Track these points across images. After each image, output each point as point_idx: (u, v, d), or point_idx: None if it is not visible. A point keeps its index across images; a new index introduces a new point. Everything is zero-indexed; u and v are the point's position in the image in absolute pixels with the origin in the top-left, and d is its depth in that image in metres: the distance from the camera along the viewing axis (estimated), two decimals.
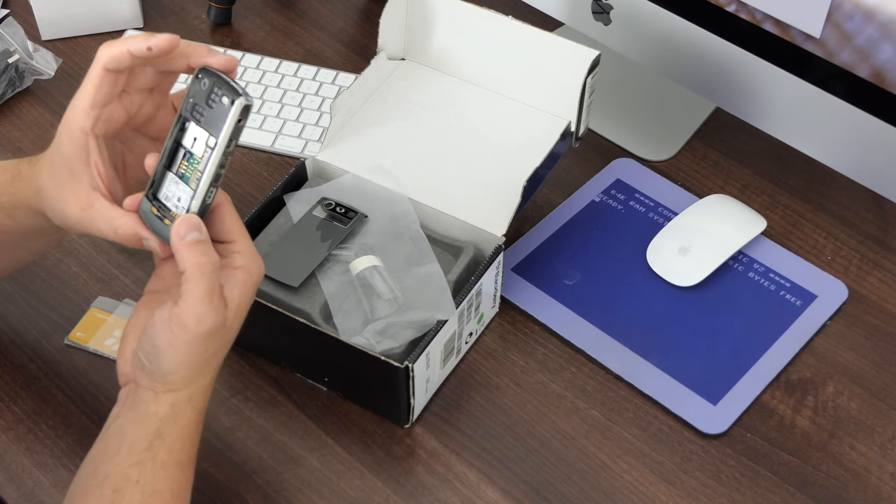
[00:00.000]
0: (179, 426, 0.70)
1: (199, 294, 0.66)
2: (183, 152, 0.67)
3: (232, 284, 0.69)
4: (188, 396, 0.70)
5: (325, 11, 1.22)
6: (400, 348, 0.83)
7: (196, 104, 0.66)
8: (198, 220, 0.67)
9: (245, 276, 0.69)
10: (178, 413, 0.69)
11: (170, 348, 0.68)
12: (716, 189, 1.04)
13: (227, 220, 0.70)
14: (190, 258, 0.66)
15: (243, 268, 0.69)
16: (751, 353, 0.91)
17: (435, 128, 0.98)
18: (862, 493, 0.83)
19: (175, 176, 0.67)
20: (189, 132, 0.67)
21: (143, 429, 0.69)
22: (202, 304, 0.67)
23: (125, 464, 0.68)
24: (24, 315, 0.93)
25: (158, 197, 0.68)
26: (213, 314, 0.67)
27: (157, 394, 0.69)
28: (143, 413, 0.69)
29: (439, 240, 0.91)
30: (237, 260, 0.69)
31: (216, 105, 0.65)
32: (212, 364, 0.70)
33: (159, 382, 0.69)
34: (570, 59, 0.93)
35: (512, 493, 0.83)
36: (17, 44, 1.10)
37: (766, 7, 0.90)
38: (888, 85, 0.86)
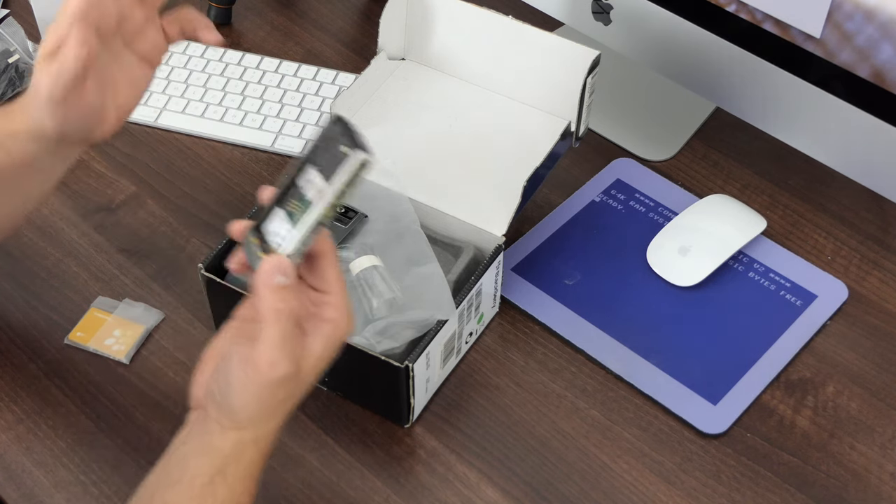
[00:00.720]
0: (242, 466, 0.68)
1: (275, 339, 0.65)
2: (297, 192, 0.66)
3: (317, 336, 0.68)
4: (254, 437, 0.68)
5: (325, 11, 1.22)
6: (400, 348, 0.83)
7: (320, 149, 0.66)
8: (288, 263, 0.66)
9: (331, 330, 0.68)
10: (242, 452, 0.68)
11: (241, 388, 0.67)
12: (716, 189, 1.04)
13: (329, 271, 0.68)
14: (269, 302, 0.65)
15: (332, 321, 0.68)
16: (751, 353, 0.91)
17: (435, 128, 0.98)
18: (862, 493, 0.83)
19: (284, 213, 0.67)
20: (307, 174, 0.66)
21: (207, 462, 0.68)
22: (276, 350, 0.65)
23: (185, 496, 0.67)
24: (24, 315, 0.93)
25: (262, 229, 0.68)
26: (287, 361, 0.66)
27: (224, 429, 0.68)
28: (208, 445, 0.68)
29: (439, 240, 0.91)
30: (328, 312, 0.68)
31: (338, 154, 0.65)
32: (281, 410, 0.69)
33: (227, 418, 0.68)
34: (570, 59, 0.93)
35: (512, 493, 0.83)
36: (17, 44, 1.10)
37: (766, 7, 0.90)
38: (888, 85, 0.86)
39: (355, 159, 0.64)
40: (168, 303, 0.94)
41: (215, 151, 1.06)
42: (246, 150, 1.07)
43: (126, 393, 0.88)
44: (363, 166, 0.64)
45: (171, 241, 0.99)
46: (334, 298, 0.68)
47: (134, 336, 0.91)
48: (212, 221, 1.00)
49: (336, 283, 0.68)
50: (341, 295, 0.68)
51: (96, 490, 0.82)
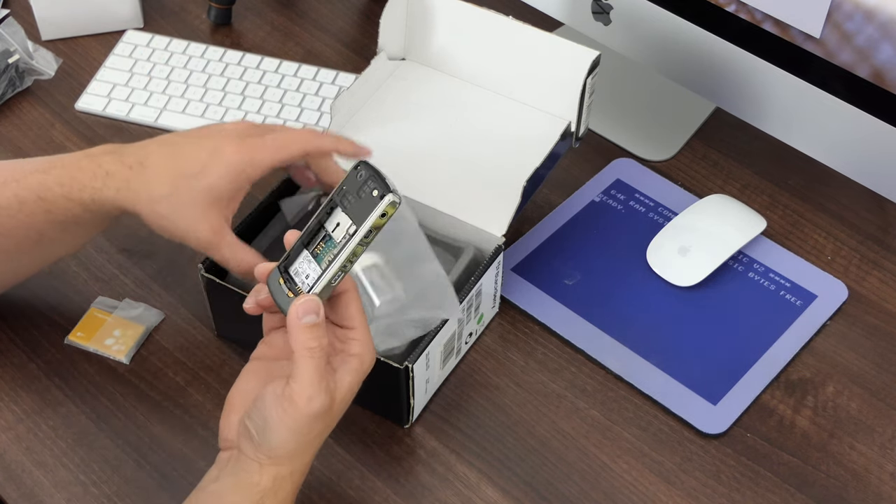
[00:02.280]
0: (279, 499, 0.71)
1: (311, 376, 0.68)
2: (323, 234, 0.69)
3: (346, 370, 0.71)
4: (290, 472, 0.71)
5: (325, 11, 1.22)
6: (402, 347, 0.83)
7: (347, 192, 0.69)
8: (318, 303, 0.68)
9: (358, 364, 0.71)
10: (279, 487, 0.71)
11: (280, 425, 0.69)
12: (716, 189, 1.04)
13: (352, 307, 0.71)
14: (302, 340, 0.68)
15: (358, 356, 0.71)
16: (751, 353, 0.91)
17: (435, 128, 0.98)
18: (862, 493, 0.83)
19: (310, 254, 0.69)
20: (334, 217, 0.69)
21: (244, 499, 0.70)
22: (312, 386, 0.68)
23: None
24: (24, 315, 0.93)
25: (289, 270, 0.70)
26: (323, 395, 0.68)
27: (262, 466, 0.70)
28: (246, 482, 0.70)
29: (439, 240, 0.91)
30: (353, 347, 0.71)
31: (365, 196, 0.67)
32: (315, 444, 0.72)
33: (265, 455, 0.70)
34: (570, 59, 0.93)
35: (512, 493, 0.83)
36: (17, 44, 1.10)
37: (766, 7, 0.90)
38: (888, 85, 0.86)
39: (385, 201, 0.66)
40: (168, 303, 0.94)
41: None
42: None
43: (126, 393, 0.88)
44: (392, 206, 0.67)
45: (171, 242, 0.98)
46: (359, 334, 0.71)
47: (134, 336, 0.91)
48: None
49: (359, 319, 0.71)
50: (364, 330, 0.72)
51: (96, 490, 0.82)
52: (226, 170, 0.77)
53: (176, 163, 0.78)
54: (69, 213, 0.79)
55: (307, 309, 0.68)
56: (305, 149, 0.80)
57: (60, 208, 0.78)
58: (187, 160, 0.77)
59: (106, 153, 0.80)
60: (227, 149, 0.78)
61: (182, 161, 0.78)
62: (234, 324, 0.90)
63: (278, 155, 0.79)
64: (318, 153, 0.82)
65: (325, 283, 0.68)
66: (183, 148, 0.78)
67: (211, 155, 0.77)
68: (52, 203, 0.78)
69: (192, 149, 0.78)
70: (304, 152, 0.80)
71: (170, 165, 0.78)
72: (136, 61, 1.14)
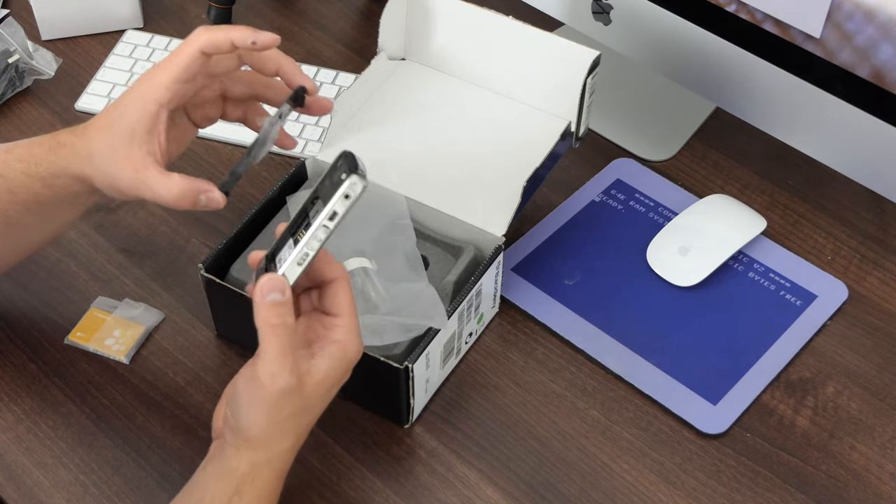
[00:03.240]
0: (258, 486, 0.71)
1: (273, 353, 0.68)
2: (305, 221, 0.70)
3: (324, 355, 0.70)
4: (266, 458, 0.71)
5: (326, 11, 1.22)
6: (397, 348, 0.82)
7: (325, 179, 0.70)
8: (283, 281, 0.68)
9: (339, 351, 0.71)
10: (257, 473, 0.71)
11: (248, 404, 0.69)
12: (716, 189, 1.04)
13: (340, 295, 0.71)
14: (265, 318, 0.68)
15: (339, 343, 0.71)
16: (751, 353, 0.91)
17: (435, 128, 0.98)
18: (862, 493, 0.84)
19: (292, 240, 0.70)
20: (315, 205, 0.70)
21: (224, 485, 0.70)
22: (275, 363, 0.68)
23: None
24: (24, 315, 0.93)
25: (274, 258, 0.71)
26: (287, 374, 0.68)
27: (239, 450, 0.71)
28: (226, 468, 0.71)
29: (439, 240, 0.91)
30: (336, 334, 0.71)
31: (336, 180, 0.68)
32: (290, 427, 0.71)
33: (241, 438, 0.70)
34: (570, 59, 0.93)
35: (512, 493, 0.83)
36: (17, 44, 1.10)
37: (766, 7, 0.90)
38: (888, 85, 0.86)
39: (348, 181, 0.67)
40: (168, 303, 0.94)
41: (215, 151, 1.06)
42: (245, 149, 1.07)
43: (126, 393, 0.88)
44: (353, 187, 0.67)
45: (171, 241, 0.99)
46: (344, 321, 0.71)
47: (134, 336, 0.91)
48: (212, 222, 1.00)
49: (346, 307, 0.71)
50: (351, 318, 0.71)
51: (96, 490, 0.82)
52: (134, 102, 0.74)
53: (106, 114, 0.77)
54: (30, 190, 0.78)
55: (272, 287, 0.68)
56: (199, 48, 0.74)
57: (21, 186, 0.78)
58: (113, 108, 0.76)
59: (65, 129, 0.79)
60: (136, 83, 0.76)
61: (110, 111, 0.76)
62: (234, 324, 0.90)
63: (173, 65, 0.74)
64: (214, 48, 0.74)
65: (290, 262, 0.69)
66: (116, 100, 0.77)
67: (126, 95, 0.76)
68: (13, 181, 0.78)
69: (120, 97, 0.77)
70: (199, 51, 0.74)
71: (102, 118, 0.77)
72: (136, 61, 1.14)
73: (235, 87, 0.81)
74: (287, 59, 0.78)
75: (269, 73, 0.79)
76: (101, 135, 0.76)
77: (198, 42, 0.74)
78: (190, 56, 0.74)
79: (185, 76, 0.74)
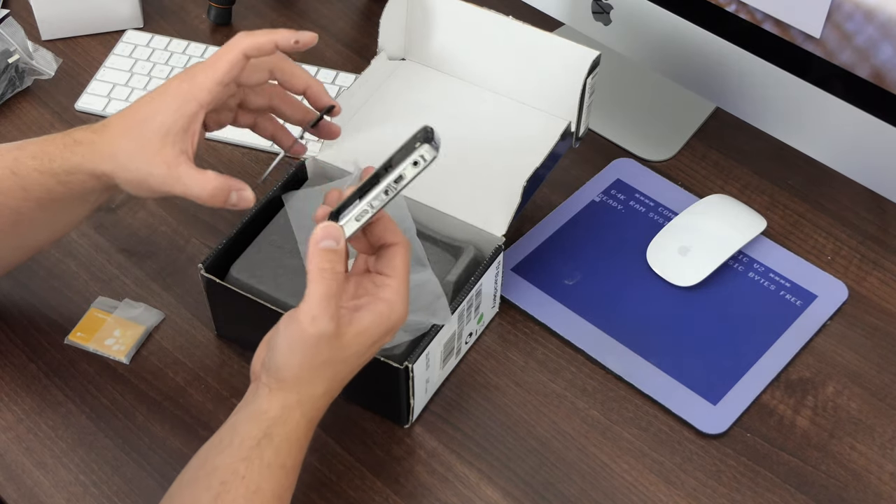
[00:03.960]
0: (287, 429, 0.71)
1: (317, 296, 0.69)
2: (375, 184, 0.72)
3: (369, 310, 0.72)
4: (297, 401, 0.72)
5: (326, 11, 1.22)
6: (397, 349, 0.82)
7: (402, 147, 0.72)
8: (338, 231, 0.70)
9: (385, 309, 0.72)
10: (288, 417, 0.71)
11: (286, 344, 0.71)
12: (716, 189, 1.04)
13: (397, 259, 0.73)
14: (315, 261, 0.69)
15: (387, 301, 0.72)
16: (751, 353, 0.91)
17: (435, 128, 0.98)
18: (862, 493, 0.84)
19: (359, 200, 0.72)
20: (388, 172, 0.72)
21: (255, 426, 0.71)
22: (317, 306, 0.69)
23: (235, 458, 0.70)
24: (24, 315, 0.93)
25: (339, 214, 0.72)
26: (327, 319, 0.69)
27: (272, 392, 0.72)
28: (256, 410, 0.72)
29: (439, 240, 0.91)
30: (385, 293, 0.72)
31: (408, 147, 0.71)
32: (324, 374, 0.72)
33: (273, 378, 0.72)
34: (570, 59, 0.93)
35: (512, 493, 0.83)
36: (17, 44, 1.10)
37: (766, 7, 0.90)
38: (888, 85, 0.86)
39: (421, 148, 0.70)
40: (168, 303, 0.94)
41: (215, 151, 1.06)
42: (246, 150, 1.07)
43: (126, 393, 0.88)
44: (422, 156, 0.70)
45: (171, 241, 0.99)
46: (395, 283, 0.73)
47: (134, 336, 0.91)
48: (212, 221, 1.00)
49: (400, 271, 0.73)
50: (402, 281, 0.73)
51: (96, 490, 0.82)
52: (171, 102, 0.76)
53: (133, 114, 0.78)
54: (43, 187, 0.79)
55: (326, 234, 0.70)
56: (242, 51, 0.77)
57: (34, 183, 0.79)
58: (142, 108, 0.78)
59: (80, 127, 0.80)
60: (171, 84, 0.77)
61: (138, 110, 0.78)
62: (234, 324, 0.90)
63: (216, 67, 0.77)
64: (257, 51, 0.77)
65: (351, 216, 0.71)
66: (141, 100, 0.78)
67: (159, 95, 0.77)
68: (26, 178, 0.79)
69: (147, 97, 0.78)
70: (242, 54, 0.77)
71: (128, 117, 0.78)
72: (136, 61, 1.14)
73: (256, 99, 0.84)
74: (315, 80, 0.83)
75: (297, 91, 0.83)
76: (129, 133, 0.77)
77: (241, 45, 0.77)
78: (234, 59, 0.77)
79: (227, 79, 0.77)
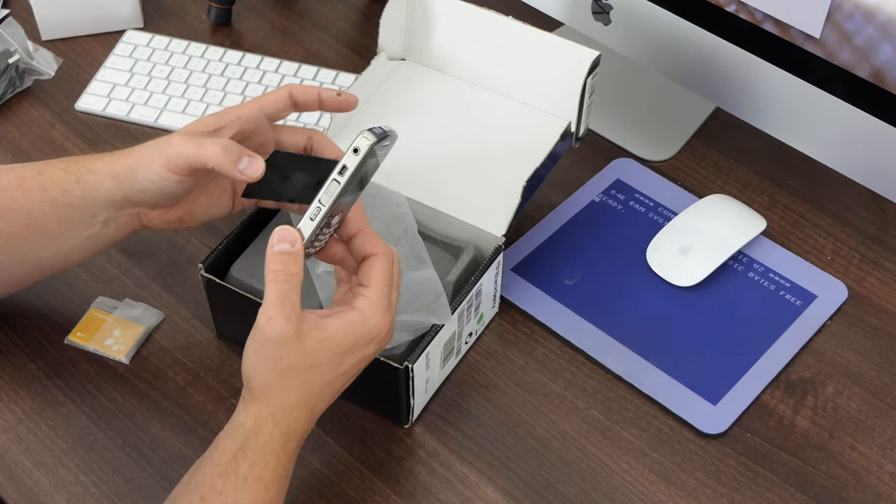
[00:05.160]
0: (261, 442, 0.71)
1: (271, 298, 0.70)
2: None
3: (337, 318, 0.72)
4: (270, 412, 0.72)
5: (326, 12, 1.22)
6: (397, 349, 0.82)
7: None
8: (294, 234, 0.71)
9: (355, 317, 0.72)
10: (260, 429, 0.72)
11: (250, 349, 0.72)
12: (716, 189, 1.04)
13: (374, 269, 0.73)
14: (268, 265, 0.70)
15: (358, 310, 0.72)
16: (751, 353, 0.91)
17: (435, 128, 0.98)
18: (862, 493, 0.84)
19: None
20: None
21: (232, 439, 0.72)
22: (272, 308, 0.70)
23: (213, 473, 0.71)
24: (24, 315, 0.93)
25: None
26: (282, 320, 0.70)
27: (246, 403, 0.72)
28: (234, 423, 0.73)
29: (439, 240, 0.91)
30: (358, 302, 0.73)
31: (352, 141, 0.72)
32: (289, 381, 0.72)
33: (247, 389, 0.72)
34: (570, 59, 0.93)
35: (512, 493, 0.83)
36: (17, 44, 1.10)
37: (766, 7, 0.90)
38: (888, 85, 0.86)
39: (358, 137, 0.71)
40: (168, 303, 0.94)
41: None
42: None
43: (126, 393, 0.88)
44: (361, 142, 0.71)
45: (171, 241, 0.99)
46: (369, 292, 0.73)
47: (134, 336, 0.91)
48: (212, 222, 0.99)
49: (376, 280, 0.73)
50: (378, 290, 0.73)
51: (96, 490, 0.82)
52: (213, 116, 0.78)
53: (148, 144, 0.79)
54: (62, 187, 0.79)
55: (281, 237, 0.71)
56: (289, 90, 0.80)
57: (55, 181, 0.79)
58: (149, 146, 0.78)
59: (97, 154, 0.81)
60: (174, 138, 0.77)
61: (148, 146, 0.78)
62: (234, 324, 0.90)
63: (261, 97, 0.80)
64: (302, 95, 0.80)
65: (305, 217, 0.72)
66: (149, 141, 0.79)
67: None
68: (49, 177, 0.80)
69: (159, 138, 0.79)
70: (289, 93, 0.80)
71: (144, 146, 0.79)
72: (136, 61, 1.14)
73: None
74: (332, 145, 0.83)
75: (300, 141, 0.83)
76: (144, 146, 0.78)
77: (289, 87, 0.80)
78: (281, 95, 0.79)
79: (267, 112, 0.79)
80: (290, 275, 0.70)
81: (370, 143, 0.71)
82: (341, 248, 0.76)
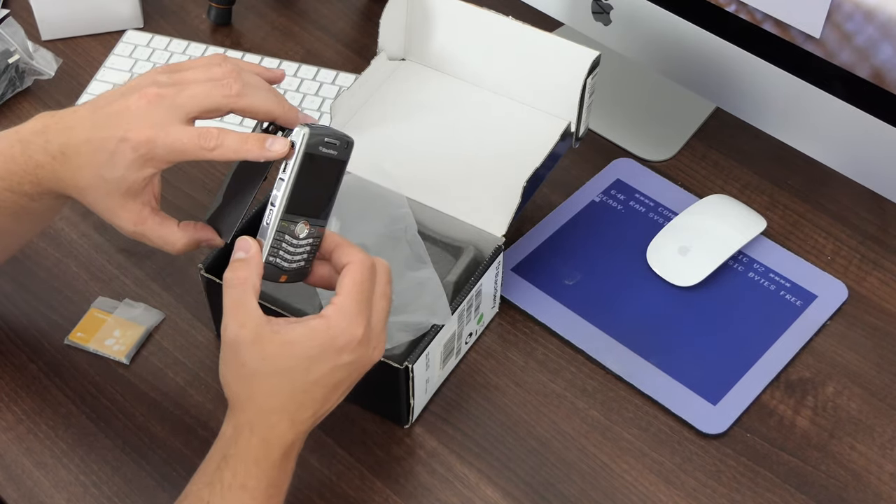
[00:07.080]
0: (239, 449, 0.71)
1: (226, 305, 0.71)
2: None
3: (301, 324, 0.71)
4: (247, 420, 0.71)
5: (326, 11, 1.22)
6: (397, 349, 0.82)
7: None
8: (248, 242, 0.73)
9: (319, 324, 0.71)
10: (238, 436, 0.72)
11: (220, 360, 0.73)
12: (716, 189, 1.04)
13: (345, 279, 0.73)
14: (226, 273, 0.72)
15: (324, 318, 0.71)
16: (751, 353, 0.91)
17: (435, 128, 0.98)
18: (862, 493, 0.84)
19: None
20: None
21: (217, 449, 0.73)
22: (227, 315, 0.71)
23: (200, 483, 0.72)
24: (24, 315, 0.93)
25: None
26: (237, 326, 0.70)
27: (228, 413, 0.73)
28: (220, 433, 0.73)
29: (439, 240, 0.91)
30: (327, 309, 0.72)
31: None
32: (257, 387, 0.71)
33: (227, 398, 0.73)
34: (570, 59, 0.93)
35: (512, 493, 0.83)
36: (17, 44, 1.10)
37: (766, 7, 0.90)
38: (888, 85, 0.86)
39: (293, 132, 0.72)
40: (168, 303, 0.94)
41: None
42: None
43: (126, 393, 0.88)
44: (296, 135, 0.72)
45: None
46: (338, 299, 0.72)
47: (134, 336, 0.91)
48: None
49: (347, 288, 0.72)
50: (347, 297, 0.72)
51: (96, 490, 0.82)
52: (131, 160, 0.72)
53: (90, 154, 0.74)
54: (17, 204, 0.78)
55: (238, 247, 0.73)
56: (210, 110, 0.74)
57: (8, 202, 0.78)
58: (99, 151, 0.73)
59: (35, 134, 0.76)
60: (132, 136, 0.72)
61: (95, 152, 0.73)
62: None
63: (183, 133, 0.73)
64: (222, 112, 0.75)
65: (262, 224, 0.73)
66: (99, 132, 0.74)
67: (118, 143, 0.73)
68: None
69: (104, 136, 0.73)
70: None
71: (85, 155, 0.74)
72: (136, 61, 1.14)
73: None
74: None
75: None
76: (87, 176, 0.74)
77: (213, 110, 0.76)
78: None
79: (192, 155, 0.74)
80: (243, 280, 0.71)
81: (303, 133, 0.71)
82: (327, 268, 0.76)
